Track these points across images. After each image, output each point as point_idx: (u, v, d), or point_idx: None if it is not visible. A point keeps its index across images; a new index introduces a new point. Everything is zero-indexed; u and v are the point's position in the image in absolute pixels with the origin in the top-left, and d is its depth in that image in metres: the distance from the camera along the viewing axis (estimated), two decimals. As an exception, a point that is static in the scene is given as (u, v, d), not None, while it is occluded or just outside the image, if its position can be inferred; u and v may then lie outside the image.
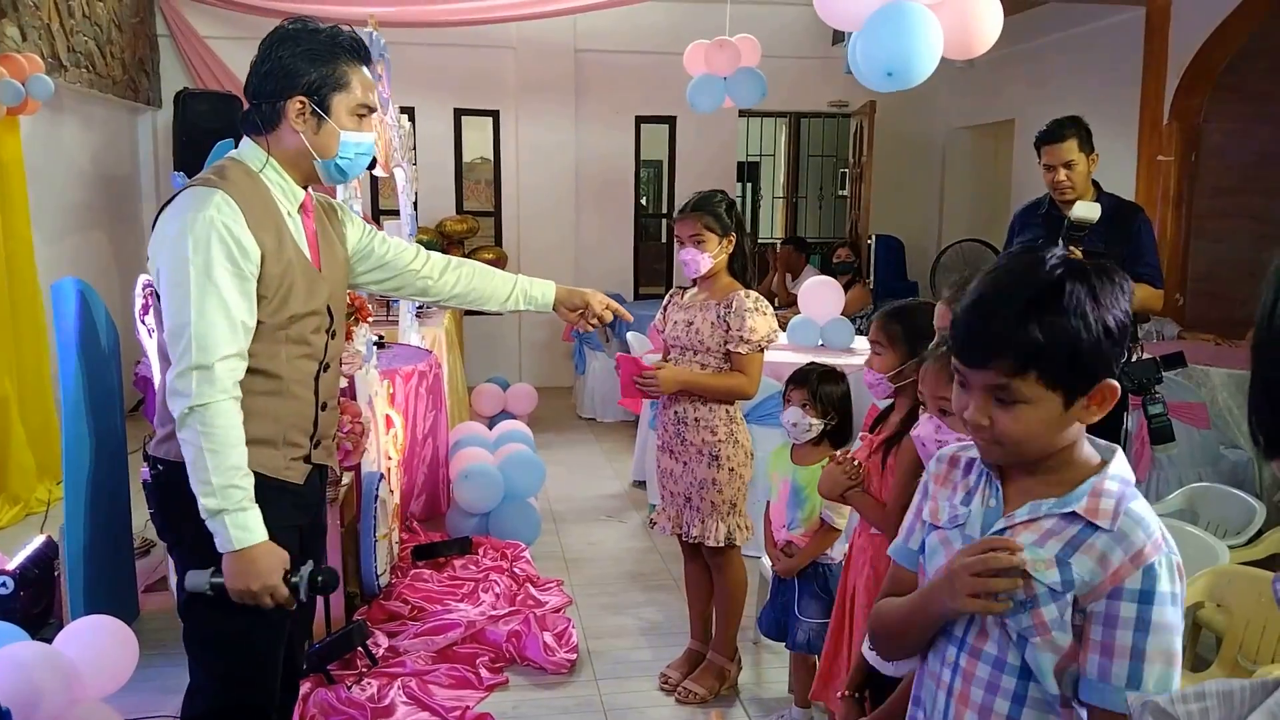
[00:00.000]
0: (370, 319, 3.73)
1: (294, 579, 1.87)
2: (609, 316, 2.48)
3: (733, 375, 3.05)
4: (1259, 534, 3.37)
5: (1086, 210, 3.35)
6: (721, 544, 3.13)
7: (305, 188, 2.06)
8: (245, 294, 1.86)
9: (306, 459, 2.06)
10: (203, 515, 1.82)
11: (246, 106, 2.00)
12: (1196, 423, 4.34)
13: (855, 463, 2.42)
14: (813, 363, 2.99)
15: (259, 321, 1.90)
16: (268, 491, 1.93)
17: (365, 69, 2.03)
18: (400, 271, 2.31)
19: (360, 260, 2.26)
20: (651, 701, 3.29)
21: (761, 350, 3.06)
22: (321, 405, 2.07)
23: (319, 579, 1.89)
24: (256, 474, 1.91)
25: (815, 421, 2.86)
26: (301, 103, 1.95)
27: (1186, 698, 1.35)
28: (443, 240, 7.57)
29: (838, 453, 2.58)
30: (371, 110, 2.04)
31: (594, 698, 3.30)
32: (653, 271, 8.86)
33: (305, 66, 1.95)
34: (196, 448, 1.80)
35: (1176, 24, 5.98)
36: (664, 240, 8.86)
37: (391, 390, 4.24)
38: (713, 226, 3.03)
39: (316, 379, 2.05)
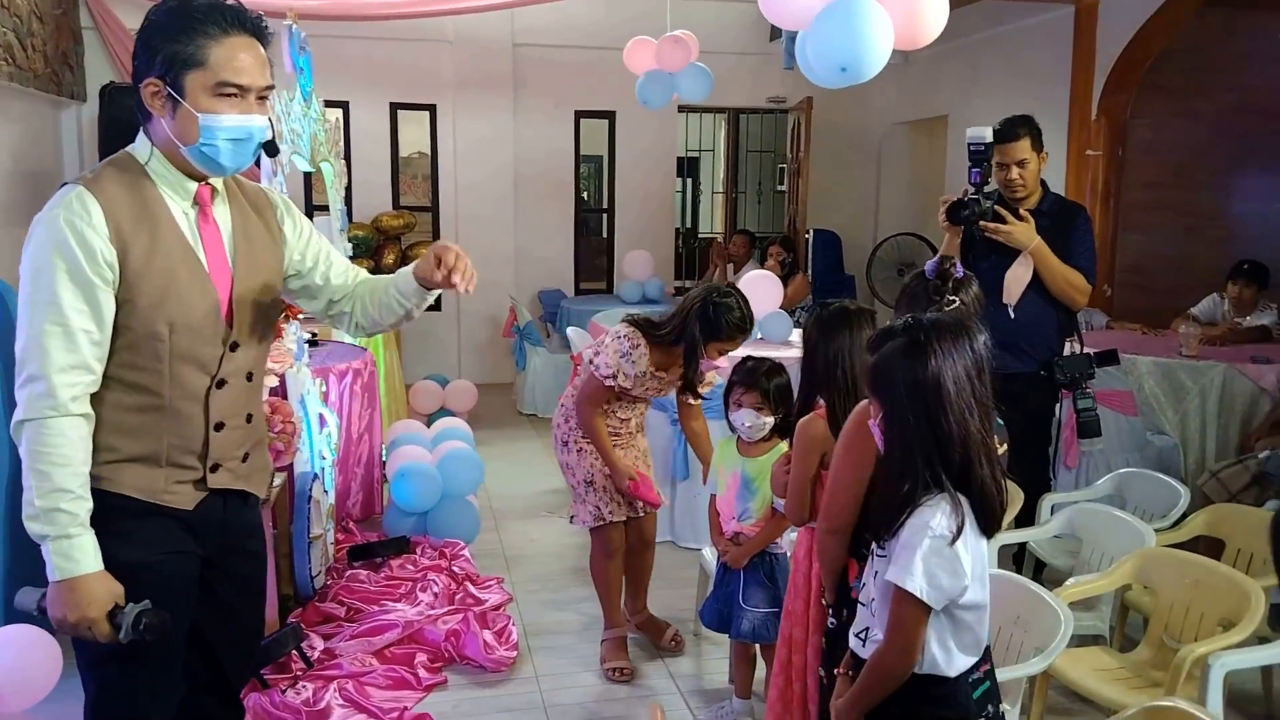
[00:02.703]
0: (301, 315, 3.65)
1: (119, 616, 1.72)
2: (462, 267, 1.94)
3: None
4: (1184, 517, 3.45)
5: (978, 131, 3.44)
6: None
7: (204, 180, 1.87)
8: (90, 301, 1.71)
9: (200, 483, 1.89)
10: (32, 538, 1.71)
11: None
12: (1124, 410, 4.44)
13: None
14: (749, 359, 2.98)
15: (128, 328, 1.77)
16: (139, 514, 1.81)
17: (242, 42, 1.78)
18: (330, 297, 2.10)
19: (294, 278, 2.07)
20: (593, 696, 3.28)
21: None
22: (215, 425, 1.89)
23: (143, 621, 1.72)
24: (128, 497, 1.79)
25: (769, 419, 2.87)
26: (155, 85, 1.76)
27: None
28: (379, 236, 7.46)
29: (783, 454, 2.61)
30: (244, 89, 1.79)
31: (534, 694, 3.28)
32: (593, 267, 8.83)
33: (158, 43, 1.75)
34: (25, 465, 1.69)
35: (1103, 22, 6.11)
36: (605, 235, 8.83)
37: (325, 389, 4.17)
38: None
39: (207, 396, 1.88)
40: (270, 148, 1.86)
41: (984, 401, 1.67)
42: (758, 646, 3.02)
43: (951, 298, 2.26)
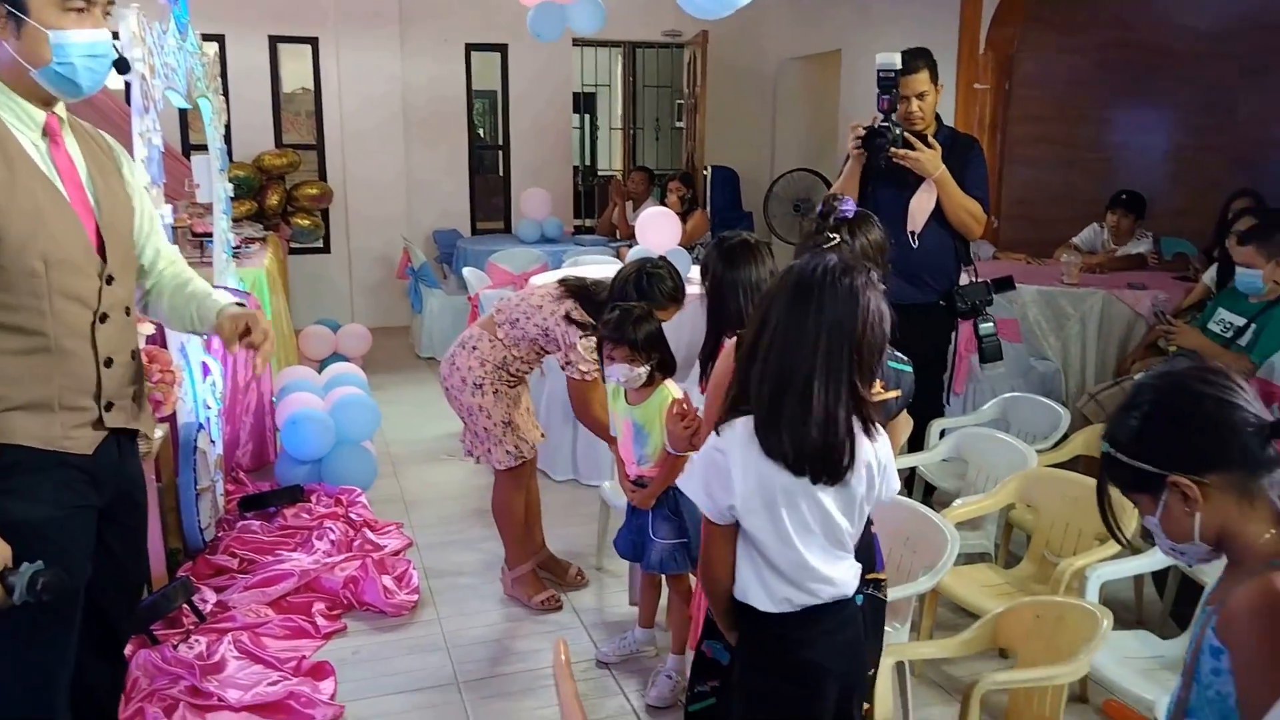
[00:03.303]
0: (178, 258, 3.48)
1: (11, 578, 1.64)
2: (265, 354, 2.03)
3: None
4: (1064, 438, 3.59)
5: (888, 57, 3.46)
6: None
7: (50, 109, 1.78)
8: None
9: (97, 424, 1.84)
10: None
11: None
12: (1010, 337, 4.58)
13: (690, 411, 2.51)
14: (615, 307, 2.91)
15: (0, 267, 1.68)
16: (39, 468, 1.74)
17: None
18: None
19: None
20: (496, 634, 3.28)
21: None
22: (105, 361, 1.84)
23: (40, 580, 1.64)
24: (25, 447, 1.72)
25: (643, 370, 2.84)
26: None
27: None
28: (261, 176, 7.17)
29: (671, 405, 2.60)
30: (91, 2, 1.73)
31: (437, 635, 3.26)
32: (490, 206, 8.65)
33: None
34: None
35: (991, -46, 6.18)
36: (500, 174, 8.66)
37: (206, 336, 3.99)
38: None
39: (93, 331, 1.81)
40: (121, 64, 1.76)
41: (799, 353, 1.64)
42: (664, 576, 3.05)
43: (831, 235, 2.25)
